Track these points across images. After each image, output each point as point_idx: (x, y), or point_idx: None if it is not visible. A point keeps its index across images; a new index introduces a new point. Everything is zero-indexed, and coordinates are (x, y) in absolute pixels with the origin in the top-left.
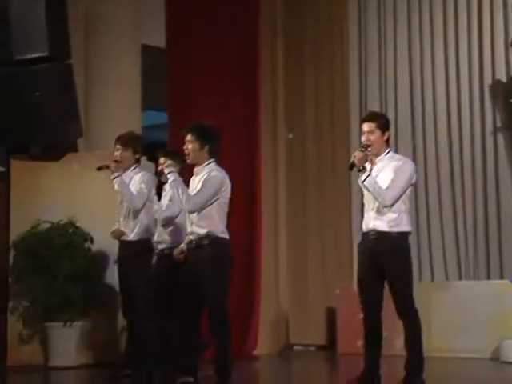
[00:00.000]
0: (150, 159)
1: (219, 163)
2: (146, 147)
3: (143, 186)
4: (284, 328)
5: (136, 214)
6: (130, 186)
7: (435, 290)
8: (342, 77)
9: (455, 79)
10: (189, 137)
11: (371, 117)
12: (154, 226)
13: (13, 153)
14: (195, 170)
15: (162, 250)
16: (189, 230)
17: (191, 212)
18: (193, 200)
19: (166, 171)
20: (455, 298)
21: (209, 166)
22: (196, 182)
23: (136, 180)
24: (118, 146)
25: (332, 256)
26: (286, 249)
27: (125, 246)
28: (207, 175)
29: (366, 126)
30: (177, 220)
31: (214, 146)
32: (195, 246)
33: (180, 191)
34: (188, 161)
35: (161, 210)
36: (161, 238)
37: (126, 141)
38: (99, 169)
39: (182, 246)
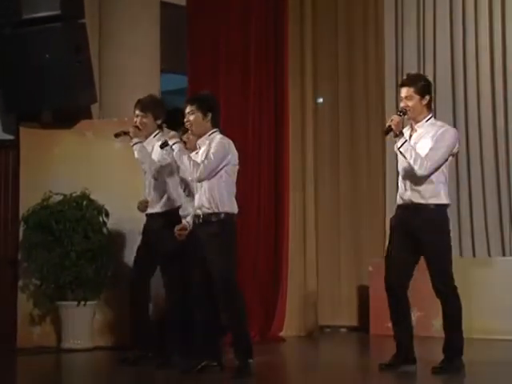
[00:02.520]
0: (169, 127)
1: (224, 133)
2: (166, 114)
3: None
4: (313, 308)
5: (159, 184)
6: (152, 155)
7: (476, 266)
8: (376, 40)
9: (501, 47)
10: (189, 108)
11: (409, 81)
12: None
13: (22, 120)
14: (199, 142)
15: None
16: (196, 203)
17: (200, 180)
18: (201, 166)
19: (170, 143)
20: (498, 276)
21: (213, 135)
22: (201, 154)
23: (155, 146)
24: (137, 112)
25: (364, 230)
26: (314, 223)
27: (152, 218)
28: (212, 142)
29: (403, 92)
30: None
31: (216, 114)
32: (202, 221)
33: (186, 160)
34: (191, 133)
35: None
36: (186, 211)
37: (146, 105)
38: (117, 135)
39: (184, 222)
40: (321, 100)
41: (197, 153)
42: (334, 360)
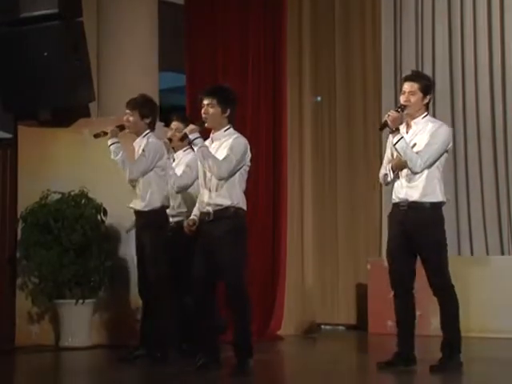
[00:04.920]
0: (167, 125)
1: (236, 129)
2: (164, 112)
3: (145, 153)
4: (311, 307)
5: (133, 183)
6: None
7: (475, 265)
8: (373, 40)
9: (499, 43)
10: (208, 100)
11: (415, 76)
12: (168, 197)
13: (20, 118)
14: (213, 135)
15: (178, 223)
16: (205, 200)
17: (221, 179)
18: (223, 166)
19: (191, 137)
20: (496, 274)
21: (228, 131)
22: (216, 148)
23: (140, 147)
24: (126, 110)
25: (362, 228)
26: (312, 221)
27: (138, 215)
28: (232, 140)
29: (407, 86)
30: (191, 190)
31: (234, 111)
32: (214, 218)
33: (209, 157)
34: (206, 125)
35: (176, 177)
36: (179, 209)
37: (133, 104)
38: (96, 136)
39: (193, 217)
40: (319, 98)
41: (209, 146)
42: (332, 358)
